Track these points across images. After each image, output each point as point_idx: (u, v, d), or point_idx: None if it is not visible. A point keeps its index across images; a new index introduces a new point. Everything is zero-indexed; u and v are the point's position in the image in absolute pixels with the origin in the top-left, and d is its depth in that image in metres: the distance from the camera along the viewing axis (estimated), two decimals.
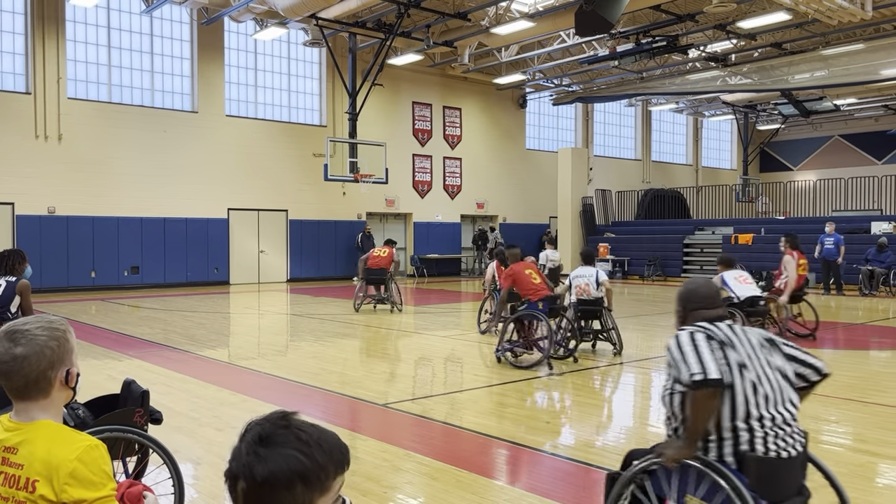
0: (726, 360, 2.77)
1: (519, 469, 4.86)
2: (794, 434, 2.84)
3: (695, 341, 2.83)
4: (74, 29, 19.08)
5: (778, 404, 2.81)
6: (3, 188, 17.81)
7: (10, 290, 6.54)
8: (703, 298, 3.09)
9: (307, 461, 1.38)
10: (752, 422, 2.74)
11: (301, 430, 1.42)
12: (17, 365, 1.92)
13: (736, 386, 2.74)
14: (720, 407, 2.71)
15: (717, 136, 37.76)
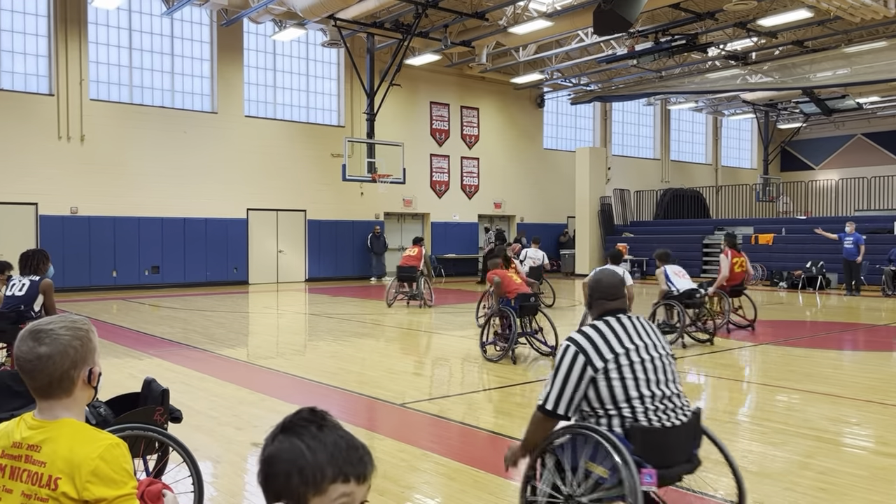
0: (605, 360, 3.18)
1: None
2: (677, 408, 3.26)
3: (563, 361, 3.23)
4: (96, 31, 19.30)
5: (661, 384, 3.24)
6: (27, 188, 18.06)
7: (33, 290, 6.64)
8: (606, 289, 3.48)
9: (309, 456, 1.41)
10: (633, 402, 3.16)
11: (320, 429, 1.46)
12: (41, 364, 1.95)
13: (615, 376, 3.17)
14: (608, 390, 3.16)
15: (736, 136, 37.42)
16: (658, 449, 3.13)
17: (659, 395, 3.21)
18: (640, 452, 3.07)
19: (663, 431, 3.17)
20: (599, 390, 3.17)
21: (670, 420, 3.21)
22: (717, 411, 6.47)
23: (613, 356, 3.20)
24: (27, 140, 18.09)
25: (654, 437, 3.14)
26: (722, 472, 3.48)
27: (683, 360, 9.01)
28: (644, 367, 3.23)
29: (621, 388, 3.16)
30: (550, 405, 3.20)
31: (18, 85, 18.29)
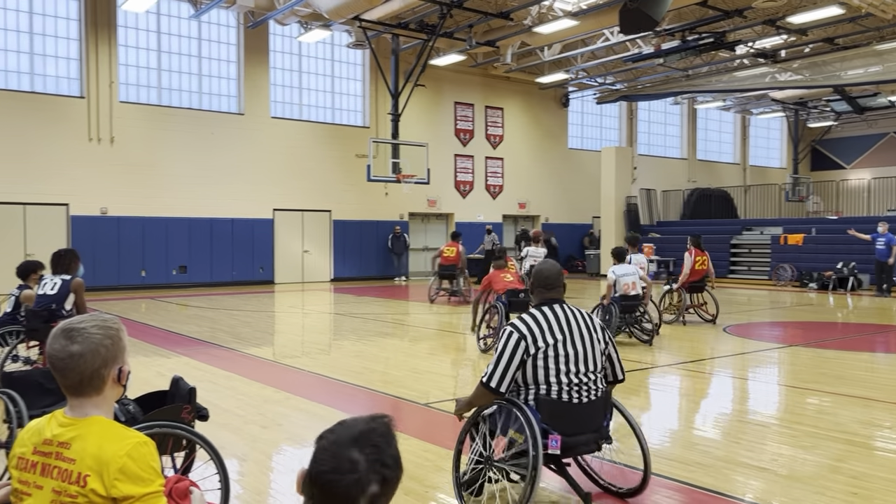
0: (537, 343, 3.74)
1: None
2: (590, 389, 3.83)
3: (507, 345, 3.76)
4: (126, 34, 19.58)
5: (579, 373, 3.79)
6: (59, 189, 18.38)
7: (64, 289, 6.75)
8: (545, 279, 3.99)
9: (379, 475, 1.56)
10: (550, 382, 3.75)
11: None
12: (72, 362, 1.98)
13: (541, 363, 3.73)
14: (532, 371, 3.74)
15: (765, 134, 36.91)
16: (563, 419, 3.72)
17: (575, 380, 3.78)
18: (547, 421, 3.68)
19: (569, 406, 3.75)
20: (526, 371, 3.75)
21: (579, 398, 3.78)
22: (745, 412, 6.39)
23: (545, 345, 3.74)
24: (59, 142, 18.41)
25: (560, 409, 3.73)
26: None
27: (714, 360, 8.90)
28: (567, 356, 3.77)
29: (543, 370, 3.74)
30: (494, 383, 3.75)
31: (51, 88, 18.62)
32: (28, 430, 2.10)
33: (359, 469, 1.50)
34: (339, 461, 1.51)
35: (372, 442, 1.52)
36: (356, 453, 1.51)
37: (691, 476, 4.51)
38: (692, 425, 6.06)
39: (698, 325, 12.11)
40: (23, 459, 2.05)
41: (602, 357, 3.92)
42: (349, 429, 1.55)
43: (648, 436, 5.64)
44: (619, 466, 4.47)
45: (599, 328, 3.95)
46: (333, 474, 1.50)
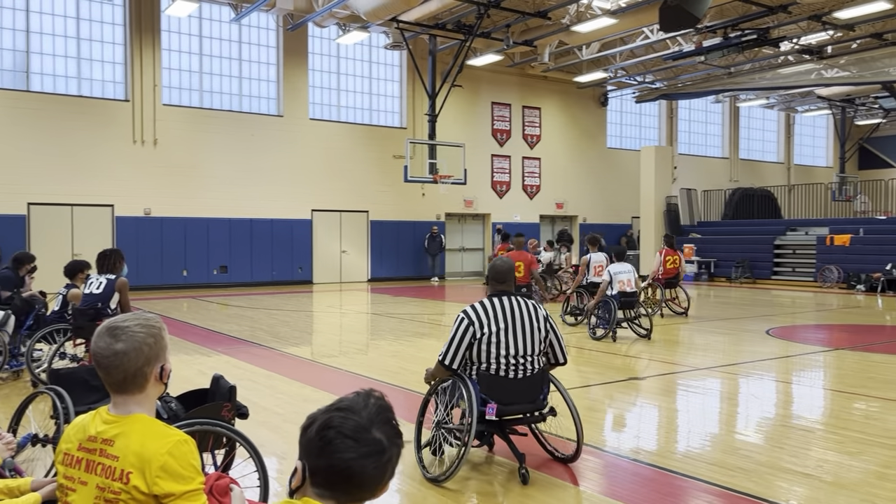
0: (482, 329, 4.46)
1: (599, 474, 4.77)
2: (527, 367, 4.53)
3: (458, 330, 4.48)
4: (169, 38, 19.98)
5: (518, 354, 4.50)
6: (104, 190, 18.83)
7: (109, 288, 6.90)
8: (497, 273, 4.72)
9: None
10: (490, 359, 4.49)
11: None
12: (117, 360, 2.02)
13: (484, 347, 4.46)
14: (477, 351, 4.47)
15: (811, 133, 36.08)
16: (499, 391, 4.46)
17: (513, 361, 4.49)
18: (486, 392, 4.44)
19: (505, 380, 4.48)
20: (472, 350, 4.48)
21: (515, 374, 4.50)
22: (789, 417, 6.24)
23: (489, 332, 4.46)
24: (105, 144, 18.87)
25: (496, 383, 4.47)
26: None
27: (756, 363, 8.73)
28: (507, 341, 4.47)
29: (486, 352, 4.47)
30: (447, 361, 4.51)
31: (97, 92, 19.08)
32: (73, 427, 2.15)
33: (385, 448, 1.52)
34: (365, 445, 1.52)
35: (385, 419, 1.55)
36: (378, 433, 1.53)
37: (732, 481, 4.43)
38: (733, 429, 5.95)
39: (721, 328, 11.89)
40: (68, 455, 2.09)
41: (542, 343, 4.59)
42: (359, 412, 1.55)
43: (688, 439, 5.55)
44: (563, 439, 5.10)
45: (542, 318, 4.61)
46: (364, 459, 1.51)
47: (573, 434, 4.72)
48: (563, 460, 4.79)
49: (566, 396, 4.70)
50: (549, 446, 4.89)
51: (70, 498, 2.07)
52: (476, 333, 4.44)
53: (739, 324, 12.50)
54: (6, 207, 17.60)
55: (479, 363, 4.49)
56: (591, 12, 19.47)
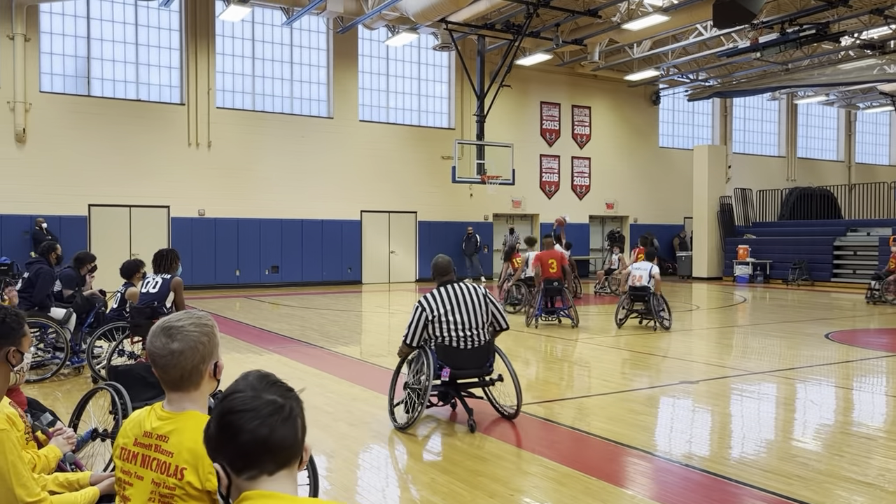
0: (433, 313, 5.67)
1: (650, 478, 4.69)
2: (475, 339, 5.72)
3: (415, 316, 5.72)
4: (223, 43, 20.42)
5: (464, 328, 5.69)
6: (161, 192, 19.34)
7: (165, 287, 7.07)
8: (439, 268, 5.97)
9: None
10: (443, 333, 5.67)
11: None
12: (174, 359, 2.07)
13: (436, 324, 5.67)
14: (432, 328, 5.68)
15: (872, 130, 34.86)
16: (452, 358, 5.66)
17: (461, 333, 5.68)
18: (441, 359, 5.63)
19: (457, 350, 5.67)
20: (428, 329, 5.70)
21: (465, 345, 5.69)
22: (849, 424, 6.03)
23: (438, 313, 5.68)
24: (161, 147, 19.39)
25: (450, 352, 5.66)
26: None
27: (815, 368, 8.46)
28: (455, 319, 5.68)
29: (439, 328, 5.68)
30: (409, 340, 5.75)
31: (154, 96, 19.62)
32: (130, 422, 2.20)
33: (282, 404, 1.57)
34: (263, 408, 1.55)
35: (269, 382, 1.61)
36: (268, 395, 1.57)
37: (789, 489, 4.30)
38: (790, 436, 5.78)
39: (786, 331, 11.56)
40: (125, 450, 2.15)
41: (485, 315, 5.77)
42: (243, 389, 1.59)
43: (742, 445, 5.42)
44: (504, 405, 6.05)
45: (482, 296, 5.79)
46: (269, 419, 1.54)
47: (523, 398, 5.95)
48: (508, 417, 5.90)
49: (509, 366, 5.83)
50: (497, 405, 5.97)
51: (127, 492, 2.12)
52: (428, 316, 5.67)
53: (797, 327, 12.14)
54: (69, 209, 18.23)
55: (437, 337, 5.67)
56: (643, 10, 19.18)
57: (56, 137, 18.14)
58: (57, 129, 18.15)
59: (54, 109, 18.18)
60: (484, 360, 5.77)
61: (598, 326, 12.53)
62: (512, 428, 5.79)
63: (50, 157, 18.06)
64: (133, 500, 2.10)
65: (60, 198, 18.08)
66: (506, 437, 5.52)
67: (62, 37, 18.54)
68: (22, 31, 17.56)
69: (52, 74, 18.42)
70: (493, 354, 5.84)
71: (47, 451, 2.90)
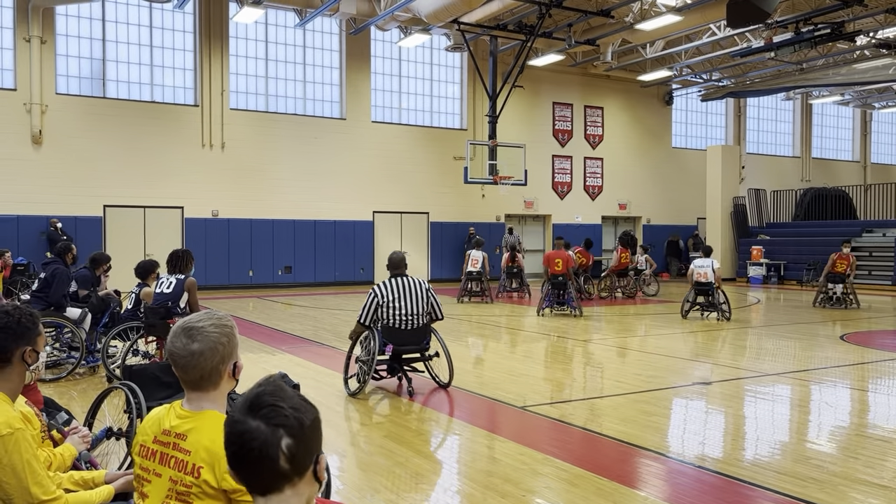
0: (383, 298, 6.83)
1: (662, 480, 4.67)
2: (414, 322, 6.87)
3: (368, 299, 6.85)
4: (237, 44, 20.53)
5: (407, 313, 6.84)
6: (175, 193, 19.47)
7: (179, 288, 7.12)
8: (392, 262, 7.06)
9: None
10: (389, 315, 6.81)
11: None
12: (194, 360, 2.10)
13: (384, 308, 6.81)
14: (381, 312, 6.84)
15: (888, 130, 34.55)
16: (394, 337, 6.85)
17: (404, 317, 6.85)
18: (386, 337, 6.81)
19: (399, 330, 6.84)
20: (378, 312, 6.85)
21: (405, 326, 6.86)
22: (864, 426, 5.98)
23: (387, 299, 6.85)
24: (175, 148, 19.51)
25: (392, 331, 6.84)
26: None
27: (830, 370, 8.40)
28: (399, 305, 6.85)
29: (386, 311, 6.84)
30: (362, 320, 6.91)
31: (168, 97, 19.76)
32: (149, 420, 2.23)
33: (261, 433, 1.51)
34: (240, 435, 1.53)
35: (263, 404, 1.53)
36: (252, 421, 1.53)
37: (804, 492, 4.27)
38: (805, 438, 5.74)
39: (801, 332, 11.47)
40: (144, 447, 2.18)
41: (425, 305, 6.95)
42: (239, 404, 1.57)
43: (756, 447, 5.39)
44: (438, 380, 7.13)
45: (424, 290, 7.00)
46: (241, 449, 1.53)
47: (453, 372, 7.11)
48: (443, 387, 7.08)
49: (442, 343, 7.05)
50: (433, 375, 7.17)
51: (145, 489, 2.15)
52: (379, 301, 6.85)
53: (811, 328, 12.06)
54: (84, 209, 18.38)
55: (383, 319, 6.85)
56: (656, 10, 19.11)
57: (71, 139, 18.30)
58: (72, 130, 18.32)
59: (70, 111, 18.34)
60: (421, 339, 6.96)
61: (609, 327, 12.50)
62: (524, 430, 5.79)
63: (65, 159, 18.23)
64: (151, 497, 2.12)
65: (76, 199, 18.24)
66: (518, 439, 5.52)
67: (77, 39, 18.71)
68: (38, 33, 17.74)
69: (68, 76, 18.59)
70: (429, 335, 7.01)
71: (62, 449, 2.93)
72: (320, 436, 1.60)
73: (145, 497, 2.14)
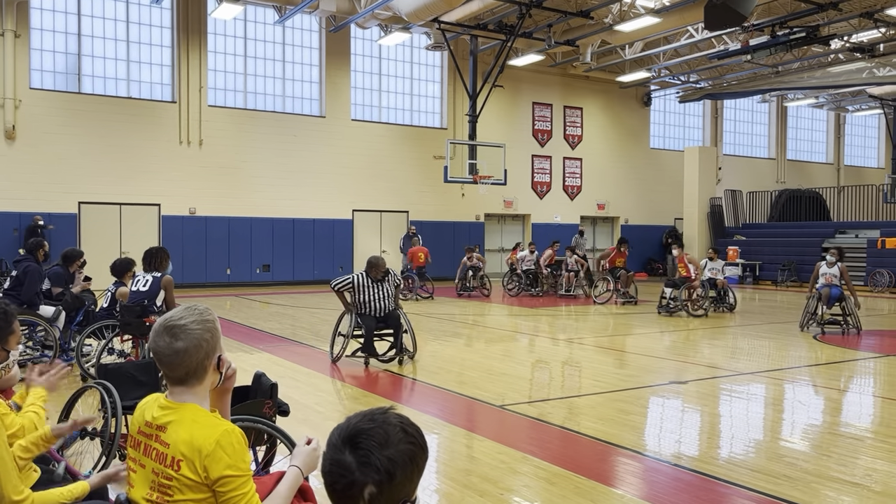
0: (359, 290, 8.53)
1: (639, 478, 4.71)
2: (382, 311, 8.56)
3: (345, 279, 8.62)
4: (215, 41, 20.36)
5: (379, 302, 8.56)
6: (152, 190, 19.27)
7: (155, 286, 7.05)
8: (370, 263, 8.66)
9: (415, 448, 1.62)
10: (364, 306, 8.54)
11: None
12: (178, 358, 2.09)
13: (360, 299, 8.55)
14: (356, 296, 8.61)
15: (861, 133, 35.12)
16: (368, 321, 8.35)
17: (376, 306, 8.50)
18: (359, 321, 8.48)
19: (373, 317, 8.46)
20: (354, 299, 8.50)
21: (378, 313, 8.46)
22: (836, 424, 6.08)
23: (360, 289, 8.43)
24: (152, 145, 19.31)
25: (367, 318, 8.44)
26: None
27: (803, 369, 8.52)
28: (373, 295, 8.49)
29: (362, 301, 8.47)
30: (333, 285, 8.56)
31: (145, 93, 19.54)
32: (138, 410, 2.26)
33: (351, 472, 1.51)
34: (333, 464, 1.54)
35: (361, 445, 1.52)
36: (348, 455, 1.52)
37: (777, 489, 4.33)
38: (778, 436, 5.82)
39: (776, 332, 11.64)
40: (132, 437, 2.20)
41: (391, 297, 8.60)
42: (342, 430, 1.56)
43: (731, 445, 5.45)
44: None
45: (393, 285, 8.72)
46: (330, 476, 1.54)
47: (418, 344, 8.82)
48: (410, 357, 8.57)
49: (408, 326, 8.61)
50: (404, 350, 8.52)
51: (132, 478, 2.17)
52: (353, 283, 8.53)
53: (786, 328, 12.22)
54: (59, 206, 18.13)
55: (358, 306, 8.50)
56: (635, 11, 19.25)
57: (46, 135, 18.04)
58: (47, 126, 18.05)
59: (44, 106, 18.07)
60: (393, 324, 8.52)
61: (587, 326, 12.58)
62: (503, 429, 5.81)
63: (40, 155, 17.96)
64: (137, 487, 2.14)
65: (50, 195, 17.99)
66: (496, 437, 5.53)
67: (53, 33, 18.44)
68: (12, 27, 17.46)
69: (43, 71, 18.32)
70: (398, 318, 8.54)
71: (32, 400, 2.86)
72: (413, 481, 1.58)
73: (132, 486, 2.16)
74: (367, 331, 8.32)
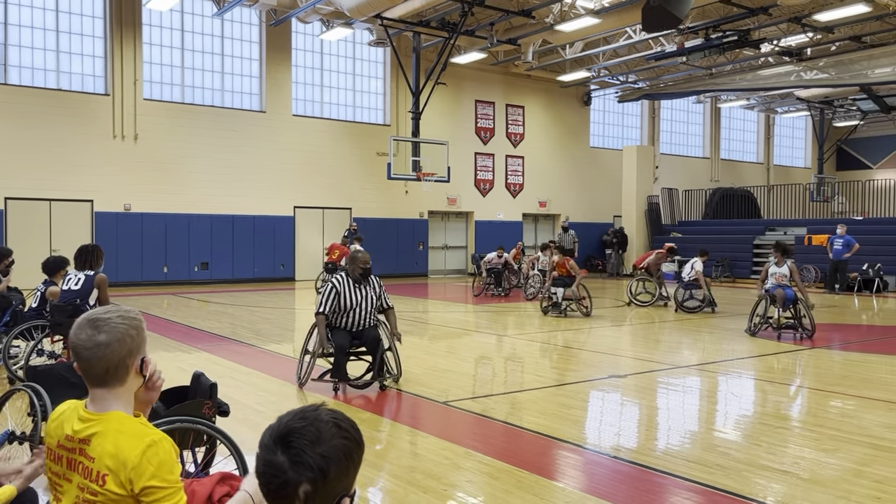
0: (340, 294, 6.85)
1: (580, 471, 4.80)
2: (366, 321, 6.91)
3: (329, 291, 6.87)
4: (150, 32, 19.79)
5: (363, 310, 6.88)
6: (83, 186, 18.62)
7: (88, 284, 6.82)
8: (350, 256, 7.13)
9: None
10: (346, 316, 6.84)
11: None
12: (99, 352, 1.98)
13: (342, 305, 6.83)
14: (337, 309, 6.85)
15: (790, 134, 36.49)
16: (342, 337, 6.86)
17: (358, 318, 6.89)
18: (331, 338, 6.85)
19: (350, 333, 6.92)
20: (336, 301, 6.88)
21: (358, 325, 6.91)
22: (766, 415, 6.32)
23: (346, 292, 6.89)
24: (84, 139, 18.65)
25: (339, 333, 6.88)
26: None
27: (734, 362, 8.82)
28: (355, 301, 6.89)
29: (344, 310, 6.87)
30: (321, 309, 6.84)
31: (76, 85, 18.86)
32: (53, 421, 2.11)
33: (284, 471, 1.50)
34: (266, 464, 1.53)
35: (293, 444, 1.51)
36: (280, 455, 1.51)
37: (710, 478, 4.48)
38: (712, 427, 6.01)
39: (714, 327, 12.01)
40: (51, 451, 2.08)
41: (375, 302, 6.98)
42: (273, 430, 1.55)
43: (668, 437, 5.61)
44: None
45: (378, 288, 7.06)
46: (264, 477, 1.52)
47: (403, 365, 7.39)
48: (395, 380, 7.14)
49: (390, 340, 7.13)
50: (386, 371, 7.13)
51: (59, 492, 2.06)
52: (337, 292, 6.89)
53: (719, 322, 12.62)
54: None
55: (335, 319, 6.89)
56: (575, 12, 19.54)
57: None
58: None
59: None
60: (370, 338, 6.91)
61: (530, 322, 12.74)
62: (447, 425, 5.84)
63: None
64: (65, 501, 2.04)
65: None
66: (440, 434, 5.56)
67: None
68: None
69: None
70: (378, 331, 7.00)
71: None
72: (349, 476, 1.55)
73: (59, 501, 2.06)
74: (339, 350, 6.71)
